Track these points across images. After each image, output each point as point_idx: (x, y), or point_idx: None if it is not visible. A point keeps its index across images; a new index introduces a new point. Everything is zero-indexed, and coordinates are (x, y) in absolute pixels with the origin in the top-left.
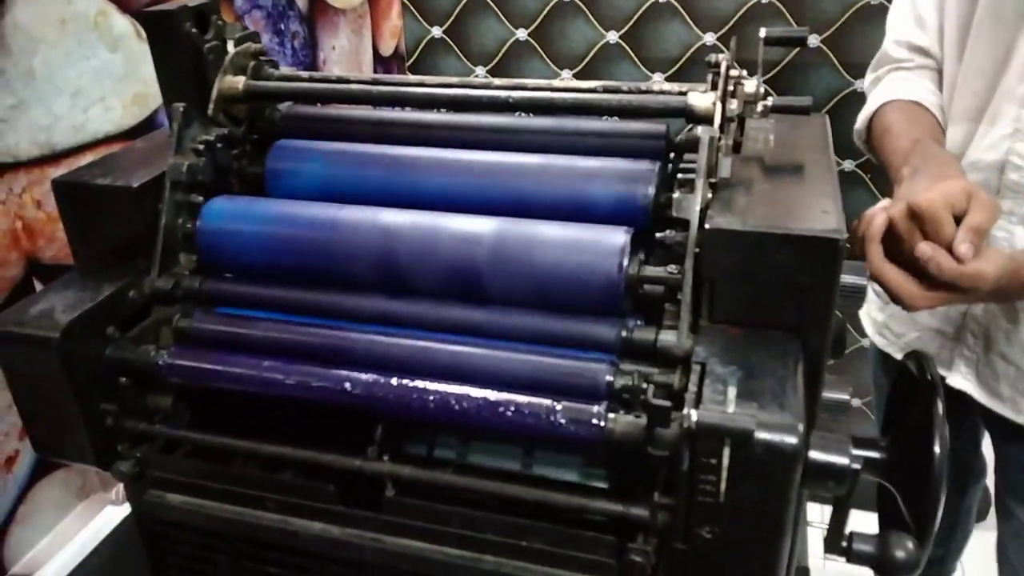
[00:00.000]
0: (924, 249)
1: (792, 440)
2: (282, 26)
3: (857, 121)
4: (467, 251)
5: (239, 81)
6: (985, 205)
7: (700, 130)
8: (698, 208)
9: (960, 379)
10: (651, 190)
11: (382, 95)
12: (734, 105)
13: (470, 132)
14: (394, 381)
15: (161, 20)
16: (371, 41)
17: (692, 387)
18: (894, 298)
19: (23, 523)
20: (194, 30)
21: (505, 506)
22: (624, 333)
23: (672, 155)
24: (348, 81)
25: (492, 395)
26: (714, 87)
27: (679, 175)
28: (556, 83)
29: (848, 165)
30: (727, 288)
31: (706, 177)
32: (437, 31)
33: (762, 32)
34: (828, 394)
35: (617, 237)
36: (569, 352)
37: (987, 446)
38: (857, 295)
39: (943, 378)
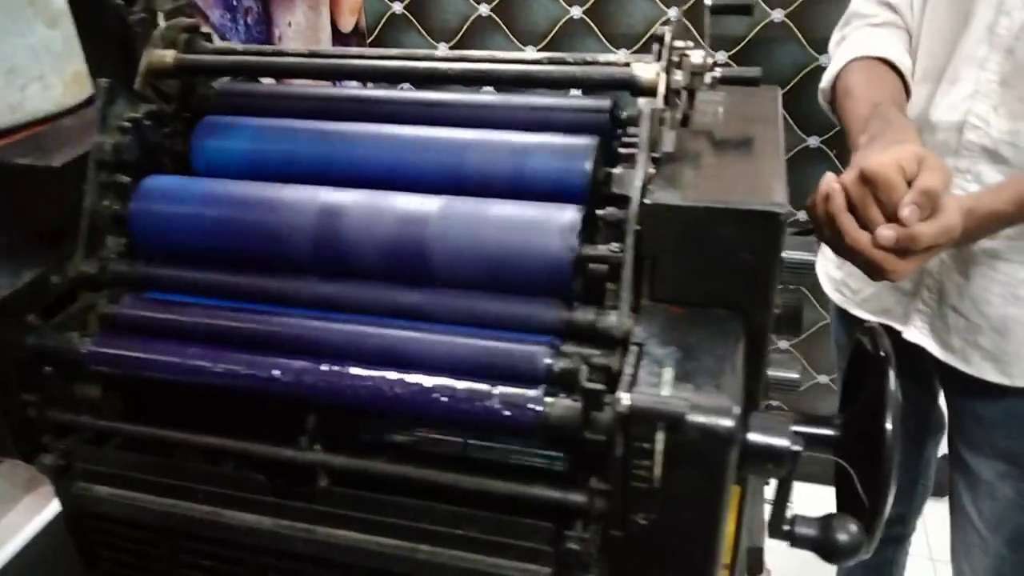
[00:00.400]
0: (887, 235)
1: (727, 423)
2: (234, 1)
3: (822, 80)
4: (413, 231)
5: (168, 55)
6: (936, 168)
7: (641, 102)
8: (639, 183)
9: (916, 332)
10: (588, 165)
11: (319, 68)
12: (679, 77)
13: (412, 107)
14: (324, 367)
15: None
16: (329, 17)
17: (628, 369)
18: (873, 271)
19: None
20: (120, 2)
21: (442, 494)
22: (565, 314)
23: (619, 131)
24: (285, 54)
25: (426, 381)
26: (659, 58)
27: (625, 150)
28: (499, 55)
29: (813, 141)
30: (668, 265)
31: (648, 151)
32: (398, 7)
33: (708, 0)
34: (775, 372)
35: (567, 215)
36: (511, 335)
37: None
38: (805, 271)
39: (899, 333)
